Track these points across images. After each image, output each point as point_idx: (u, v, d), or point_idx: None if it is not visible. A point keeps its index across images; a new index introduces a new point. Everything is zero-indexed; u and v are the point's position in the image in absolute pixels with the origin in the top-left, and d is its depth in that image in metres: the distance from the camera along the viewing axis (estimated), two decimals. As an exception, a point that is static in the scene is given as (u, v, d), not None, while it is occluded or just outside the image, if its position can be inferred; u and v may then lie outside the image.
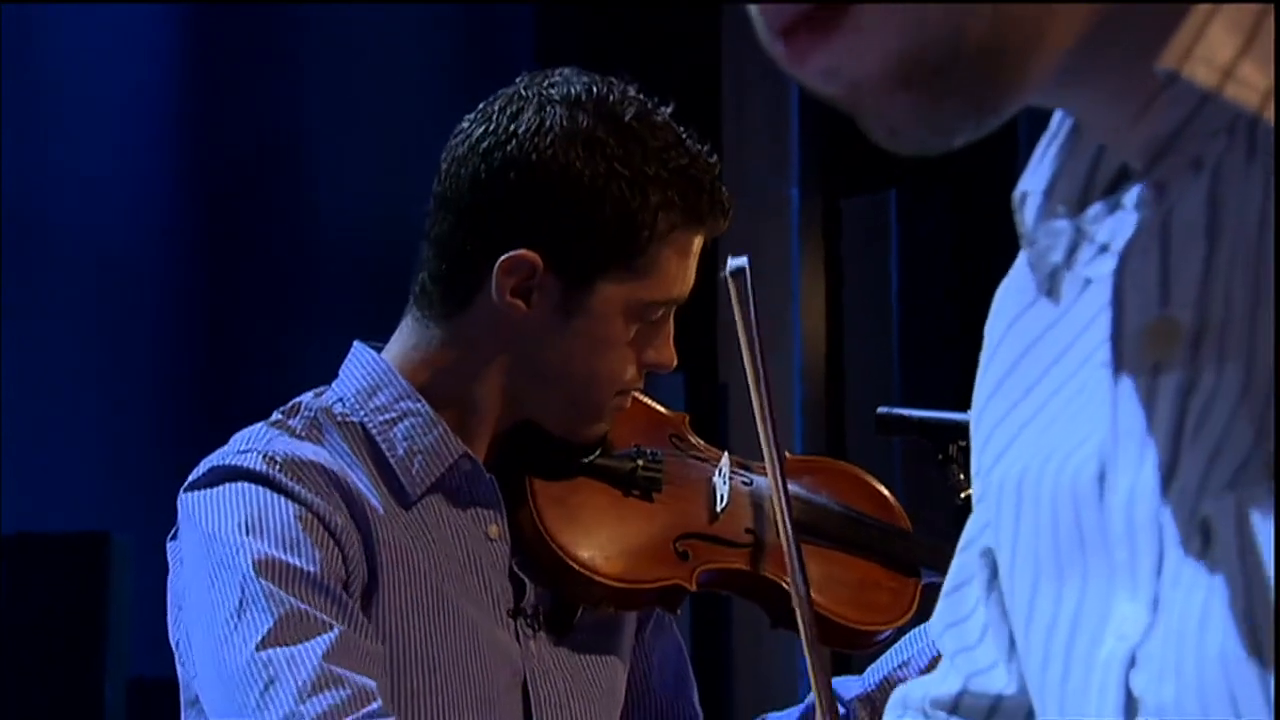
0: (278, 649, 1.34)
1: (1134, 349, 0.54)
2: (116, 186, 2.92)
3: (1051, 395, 0.62)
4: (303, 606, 1.36)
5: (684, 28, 2.79)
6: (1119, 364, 0.55)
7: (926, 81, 0.49)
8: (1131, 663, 0.55)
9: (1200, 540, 0.52)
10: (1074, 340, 0.60)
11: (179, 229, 2.99)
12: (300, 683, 1.33)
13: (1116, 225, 0.55)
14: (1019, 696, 0.70)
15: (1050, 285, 0.59)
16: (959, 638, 0.75)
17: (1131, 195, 0.55)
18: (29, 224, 2.84)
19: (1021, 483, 0.63)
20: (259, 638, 1.34)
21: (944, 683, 0.76)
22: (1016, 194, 0.59)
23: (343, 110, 3.02)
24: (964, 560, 0.74)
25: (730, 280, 1.45)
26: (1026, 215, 0.58)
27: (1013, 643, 0.68)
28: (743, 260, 1.45)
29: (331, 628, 1.35)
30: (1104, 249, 0.55)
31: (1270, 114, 0.48)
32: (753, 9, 0.50)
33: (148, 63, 3.01)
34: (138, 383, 2.95)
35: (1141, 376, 0.54)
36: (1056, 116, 0.58)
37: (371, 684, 1.35)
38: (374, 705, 1.33)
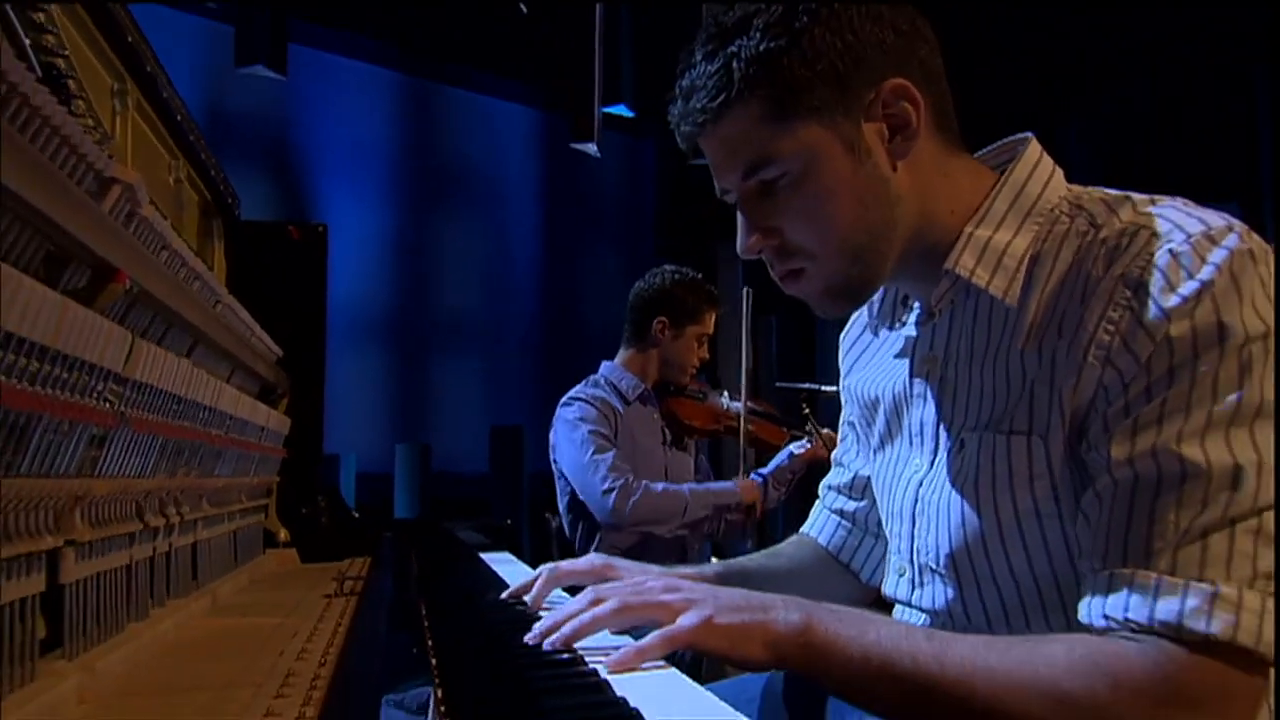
0: (595, 456, 2.55)
1: (920, 364, 0.95)
2: (530, 292, 6.28)
3: (874, 364, 1.08)
4: (600, 442, 2.60)
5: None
6: (913, 368, 0.96)
7: (834, 297, 0.90)
8: (920, 484, 0.93)
9: (959, 446, 0.89)
10: (889, 351, 1.04)
11: (556, 314, 6.28)
12: (606, 468, 2.54)
13: (909, 317, 1.01)
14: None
15: (876, 331, 1.06)
16: (848, 455, 1.19)
17: (915, 305, 0.99)
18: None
19: (864, 394, 1.07)
20: (589, 454, 2.57)
21: (843, 475, 1.20)
22: (868, 302, 1.03)
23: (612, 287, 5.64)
24: (843, 428, 1.19)
25: (745, 295, 2.87)
26: (872, 309, 1.06)
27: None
28: (748, 288, 2.88)
29: (611, 450, 2.59)
30: (903, 324, 1.02)
31: (990, 289, 0.84)
32: (768, 265, 0.91)
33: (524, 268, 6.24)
34: (540, 374, 6.05)
35: (922, 375, 0.95)
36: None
37: (628, 468, 2.56)
38: (629, 475, 2.54)
